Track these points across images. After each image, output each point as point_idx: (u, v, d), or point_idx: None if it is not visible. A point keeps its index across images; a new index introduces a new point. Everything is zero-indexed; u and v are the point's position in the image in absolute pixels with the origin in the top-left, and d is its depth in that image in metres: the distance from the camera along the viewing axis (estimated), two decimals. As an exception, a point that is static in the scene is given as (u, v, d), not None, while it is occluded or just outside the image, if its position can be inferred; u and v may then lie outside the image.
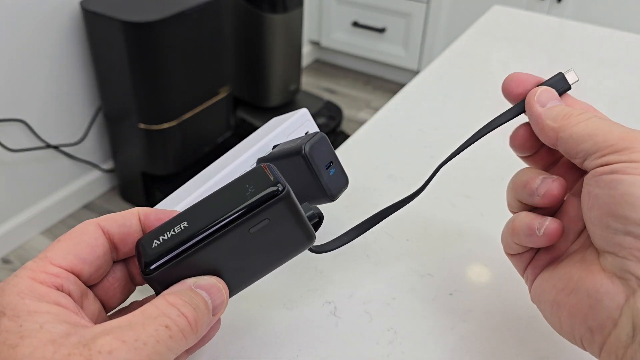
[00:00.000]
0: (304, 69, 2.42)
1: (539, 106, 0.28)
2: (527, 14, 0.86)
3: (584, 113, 0.26)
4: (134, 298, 0.28)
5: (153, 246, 0.24)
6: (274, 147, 0.37)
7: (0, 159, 1.39)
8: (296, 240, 0.26)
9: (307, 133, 0.39)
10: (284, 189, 0.24)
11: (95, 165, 1.64)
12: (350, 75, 2.43)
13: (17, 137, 1.40)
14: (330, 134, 1.90)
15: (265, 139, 0.37)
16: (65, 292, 0.23)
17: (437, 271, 0.39)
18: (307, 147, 0.33)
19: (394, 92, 2.20)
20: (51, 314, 0.21)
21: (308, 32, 2.40)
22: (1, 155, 1.38)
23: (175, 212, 0.26)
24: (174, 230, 0.24)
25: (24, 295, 0.21)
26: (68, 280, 0.23)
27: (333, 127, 1.91)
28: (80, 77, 1.51)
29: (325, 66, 2.49)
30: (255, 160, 0.37)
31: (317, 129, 0.39)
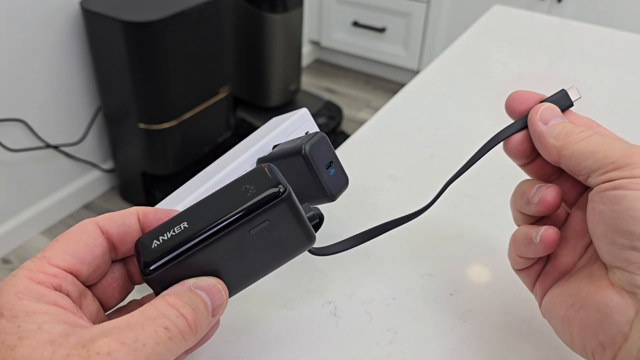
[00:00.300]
0: (304, 69, 2.42)
1: (541, 124, 0.27)
2: (527, 13, 0.86)
3: (585, 131, 0.26)
4: (132, 297, 0.28)
5: (153, 246, 0.24)
6: (274, 147, 0.37)
7: (0, 158, 1.39)
8: (296, 241, 0.26)
9: (307, 133, 0.39)
10: (285, 190, 0.24)
11: (95, 165, 1.64)
12: (350, 75, 2.43)
13: (17, 137, 1.40)
14: (331, 134, 1.90)
15: (265, 139, 0.37)
16: (64, 293, 0.23)
17: (437, 271, 0.39)
18: (307, 147, 0.33)
19: (394, 92, 2.20)
20: (49, 315, 0.21)
21: (308, 32, 2.40)
22: (1, 155, 1.38)
23: (174, 212, 0.26)
24: (174, 231, 0.24)
25: (22, 296, 0.21)
26: (66, 280, 0.23)
27: (333, 127, 1.91)
28: (80, 77, 1.51)
29: (326, 66, 2.49)
30: (255, 160, 0.37)
31: (317, 129, 0.39)
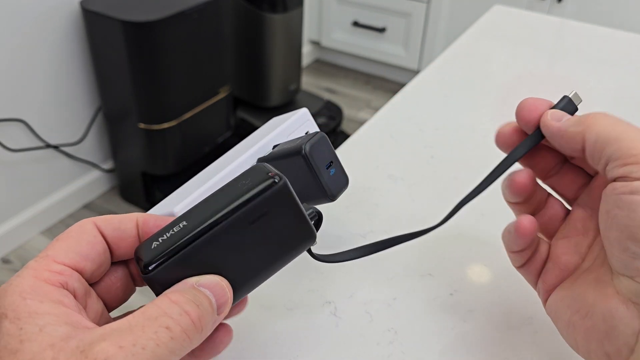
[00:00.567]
0: (304, 69, 2.42)
1: (556, 122, 0.27)
2: (527, 13, 0.86)
3: (608, 116, 0.26)
4: (135, 298, 0.28)
5: (152, 247, 0.24)
6: (274, 147, 0.37)
7: (0, 158, 1.39)
8: (297, 237, 0.26)
9: (307, 133, 0.39)
10: (280, 179, 0.24)
11: (95, 165, 1.64)
12: (350, 75, 2.43)
13: (17, 137, 1.40)
14: (331, 134, 1.90)
15: (265, 139, 0.37)
16: (70, 290, 0.22)
17: (437, 271, 0.39)
18: (307, 147, 0.33)
19: (394, 92, 2.20)
20: (52, 315, 0.20)
21: (308, 31, 2.40)
22: (1, 155, 1.38)
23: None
24: (173, 230, 0.24)
25: (26, 295, 0.21)
26: (72, 277, 0.23)
27: (333, 127, 1.91)
28: (80, 77, 1.51)
29: (326, 66, 2.49)
30: (255, 160, 0.37)
31: (317, 129, 0.39)
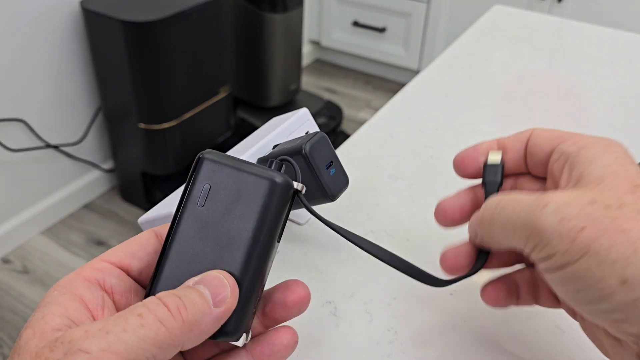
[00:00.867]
0: (304, 69, 2.42)
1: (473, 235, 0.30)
2: (527, 13, 0.86)
3: (488, 207, 0.27)
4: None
5: None
6: (274, 146, 0.37)
7: (0, 158, 1.39)
8: (257, 189, 0.24)
9: (307, 133, 0.39)
10: (203, 154, 0.24)
11: (95, 165, 1.64)
12: (350, 75, 2.43)
13: (17, 136, 1.40)
14: (331, 134, 1.90)
15: (265, 139, 0.37)
16: (107, 287, 0.24)
17: (437, 271, 0.39)
18: (308, 147, 0.33)
19: (394, 91, 2.20)
20: (61, 307, 0.21)
21: (308, 31, 2.40)
22: (1, 155, 1.38)
23: None
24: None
25: (58, 287, 0.23)
26: (111, 274, 0.24)
27: (333, 126, 1.91)
28: (80, 77, 1.51)
29: (326, 66, 2.49)
30: (255, 160, 0.37)
31: (318, 129, 0.39)
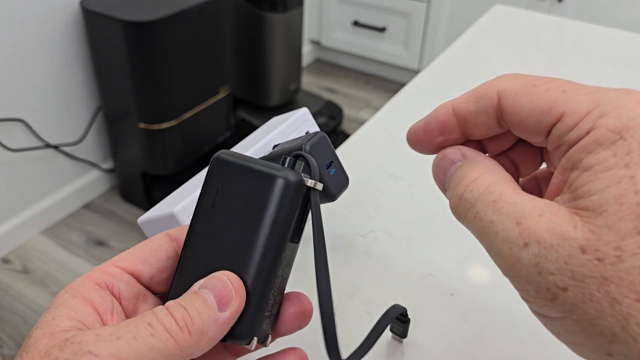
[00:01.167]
0: (304, 69, 2.42)
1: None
2: (527, 13, 0.86)
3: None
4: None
5: None
6: (274, 146, 0.37)
7: (0, 158, 1.39)
8: (264, 190, 0.23)
9: (307, 132, 0.39)
10: (215, 155, 0.24)
11: (95, 165, 1.64)
12: (350, 74, 2.43)
13: (16, 136, 1.40)
14: (331, 134, 1.90)
15: (265, 139, 0.37)
16: (115, 292, 0.23)
17: (438, 271, 0.39)
18: (308, 147, 0.33)
19: (395, 91, 2.20)
20: (71, 310, 0.22)
21: (308, 31, 2.40)
22: (1, 155, 1.38)
23: None
24: None
25: (69, 290, 0.22)
26: (121, 279, 0.24)
27: (333, 126, 1.91)
28: (80, 77, 1.51)
29: (326, 65, 2.49)
30: (255, 160, 0.36)
31: (318, 129, 0.39)
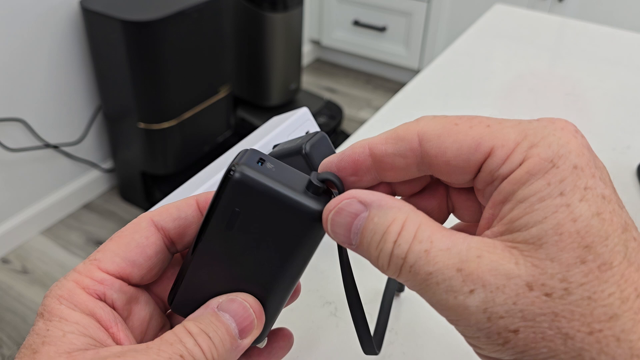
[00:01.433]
0: (304, 68, 2.41)
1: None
2: (528, 12, 0.86)
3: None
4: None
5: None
6: (274, 146, 0.37)
7: (-1, 158, 1.39)
8: (296, 227, 0.21)
9: (307, 132, 0.39)
10: (233, 169, 0.20)
11: (94, 165, 1.64)
12: (350, 74, 2.43)
13: (16, 136, 1.40)
14: (331, 133, 1.90)
15: (265, 138, 0.37)
16: (108, 302, 0.22)
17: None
18: (308, 147, 0.33)
19: (395, 91, 2.20)
20: (79, 325, 0.21)
21: (308, 31, 2.40)
22: (0, 155, 1.38)
23: None
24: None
25: (62, 300, 0.21)
26: (112, 287, 0.22)
27: (333, 126, 1.91)
28: (80, 77, 1.51)
29: (326, 65, 2.49)
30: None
31: (318, 128, 0.39)
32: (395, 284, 0.27)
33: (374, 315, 0.35)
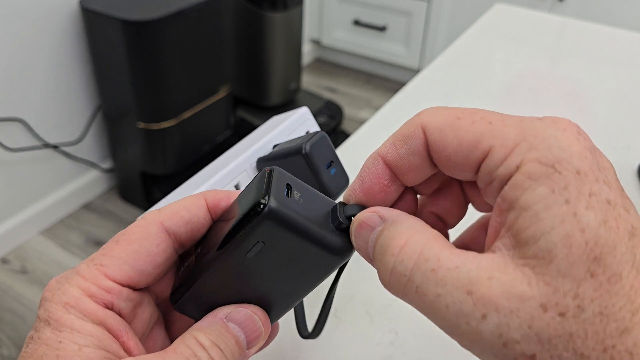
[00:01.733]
0: (304, 68, 2.41)
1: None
2: (528, 12, 0.86)
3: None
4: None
5: (179, 274, 0.24)
6: (274, 146, 0.37)
7: (-1, 158, 1.39)
8: (316, 259, 0.21)
9: (307, 132, 0.39)
10: (264, 205, 0.20)
11: (94, 165, 1.64)
12: (350, 74, 2.43)
13: (16, 136, 1.40)
14: (331, 133, 1.90)
15: (265, 138, 0.37)
16: (116, 310, 0.22)
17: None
18: (308, 147, 0.33)
19: (395, 90, 2.20)
20: (93, 338, 0.20)
21: (308, 30, 2.40)
22: (0, 155, 1.38)
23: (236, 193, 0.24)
24: (196, 253, 0.24)
25: (70, 309, 0.20)
26: (120, 297, 0.22)
27: (333, 126, 1.91)
28: (80, 76, 1.50)
29: (326, 65, 2.49)
30: (255, 160, 0.36)
31: (318, 128, 0.39)
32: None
33: (377, 319, 0.35)
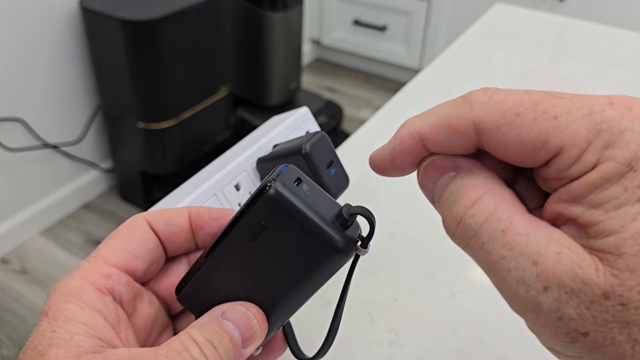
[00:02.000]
0: (304, 68, 2.41)
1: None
2: (529, 12, 0.86)
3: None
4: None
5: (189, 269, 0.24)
6: (274, 146, 0.37)
7: (-1, 158, 1.39)
8: (318, 255, 0.21)
9: (307, 132, 0.39)
10: (270, 186, 0.21)
11: (94, 165, 1.64)
12: (351, 73, 2.43)
13: (15, 136, 1.40)
14: (331, 133, 1.90)
15: (265, 138, 0.37)
16: (116, 296, 0.22)
17: (439, 272, 0.38)
18: (308, 147, 0.33)
19: (395, 90, 2.20)
20: (87, 326, 0.21)
21: (308, 30, 2.40)
22: (0, 155, 1.38)
23: (232, 212, 0.24)
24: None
25: (70, 299, 0.21)
26: (120, 281, 0.23)
27: (334, 126, 1.91)
28: (79, 76, 1.50)
29: (326, 65, 2.49)
30: (255, 160, 0.36)
31: (318, 128, 0.39)
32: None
33: (380, 323, 0.35)
